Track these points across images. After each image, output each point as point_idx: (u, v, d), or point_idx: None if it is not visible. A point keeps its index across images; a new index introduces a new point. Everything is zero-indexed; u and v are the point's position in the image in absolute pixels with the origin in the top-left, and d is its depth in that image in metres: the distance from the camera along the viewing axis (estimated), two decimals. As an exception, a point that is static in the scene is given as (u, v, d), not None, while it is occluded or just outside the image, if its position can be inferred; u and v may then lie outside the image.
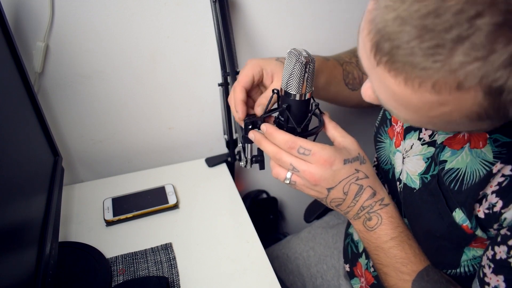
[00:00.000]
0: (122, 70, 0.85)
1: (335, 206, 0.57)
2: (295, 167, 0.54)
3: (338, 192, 0.54)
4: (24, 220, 0.55)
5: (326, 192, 0.55)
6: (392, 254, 0.55)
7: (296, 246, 0.93)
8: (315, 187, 0.54)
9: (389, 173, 0.68)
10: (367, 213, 0.56)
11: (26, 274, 0.51)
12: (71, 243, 0.74)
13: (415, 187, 0.57)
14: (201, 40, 0.87)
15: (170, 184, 0.88)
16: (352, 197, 0.55)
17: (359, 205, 0.56)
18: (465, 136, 0.51)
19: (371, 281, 0.72)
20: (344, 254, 0.82)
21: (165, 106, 0.93)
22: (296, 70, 0.51)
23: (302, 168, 0.53)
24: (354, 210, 0.56)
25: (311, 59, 0.51)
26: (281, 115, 0.57)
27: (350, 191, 0.55)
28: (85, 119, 0.89)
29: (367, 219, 0.56)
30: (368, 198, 0.55)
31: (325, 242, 0.91)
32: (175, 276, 0.68)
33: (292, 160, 0.54)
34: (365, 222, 0.57)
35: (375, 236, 0.56)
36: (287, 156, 0.54)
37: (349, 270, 0.79)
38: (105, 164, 0.97)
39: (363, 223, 0.57)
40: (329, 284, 0.84)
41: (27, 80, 0.67)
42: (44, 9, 0.73)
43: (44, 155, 0.71)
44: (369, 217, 0.56)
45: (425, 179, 0.56)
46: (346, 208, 0.57)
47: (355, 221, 0.58)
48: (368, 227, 0.56)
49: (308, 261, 0.89)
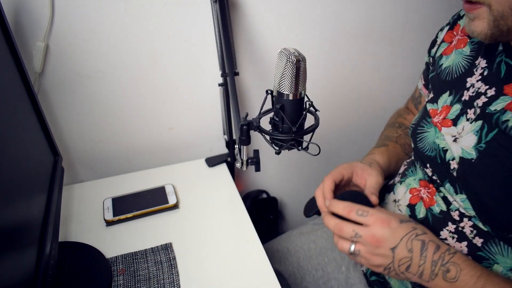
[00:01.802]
0: (122, 70, 0.85)
1: (405, 270, 0.57)
2: (357, 233, 0.58)
3: (402, 251, 0.56)
4: (24, 220, 0.55)
5: (391, 253, 0.57)
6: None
7: (297, 240, 0.93)
8: (379, 249, 0.57)
9: (436, 158, 0.69)
10: (442, 266, 0.56)
11: (26, 274, 0.51)
12: (71, 243, 0.74)
13: (472, 157, 0.60)
14: (201, 40, 0.87)
15: (170, 184, 0.88)
16: (419, 254, 0.56)
17: (429, 260, 0.56)
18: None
19: None
20: None
21: (165, 106, 0.93)
22: (288, 70, 0.51)
23: (363, 232, 0.57)
24: (427, 268, 0.56)
25: (302, 58, 0.51)
26: (276, 115, 0.57)
27: (414, 247, 0.56)
28: (85, 119, 0.89)
29: (446, 271, 0.55)
30: (435, 252, 0.56)
31: (327, 236, 0.92)
32: (175, 276, 0.68)
33: (354, 227, 0.59)
34: (445, 276, 0.56)
35: (462, 284, 0.55)
36: (348, 225, 0.59)
37: None
38: (105, 164, 0.97)
39: (443, 278, 0.56)
40: (329, 276, 0.85)
41: (27, 80, 0.67)
42: (44, 9, 0.73)
43: (44, 155, 0.71)
44: (446, 268, 0.55)
45: (480, 148, 0.59)
46: (418, 269, 0.57)
47: (433, 281, 0.57)
48: (451, 279, 0.55)
49: (309, 254, 0.89)
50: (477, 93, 0.61)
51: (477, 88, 0.62)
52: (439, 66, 0.71)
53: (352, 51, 1.03)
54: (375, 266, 0.59)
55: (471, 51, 0.66)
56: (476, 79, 0.63)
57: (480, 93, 0.61)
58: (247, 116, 0.60)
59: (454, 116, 0.65)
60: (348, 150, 1.24)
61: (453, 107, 0.66)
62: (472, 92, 0.63)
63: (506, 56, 0.58)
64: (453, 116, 0.66)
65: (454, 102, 0.66)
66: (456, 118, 0.65)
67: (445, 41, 0.73)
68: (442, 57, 0.72)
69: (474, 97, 0.62)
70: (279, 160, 1.17)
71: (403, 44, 1.08)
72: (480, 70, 0.62)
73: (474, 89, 0.62)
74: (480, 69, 0.62)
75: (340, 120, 1.16)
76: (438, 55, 0.73)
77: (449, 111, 0.66)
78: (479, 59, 0.63)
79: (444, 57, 0.71)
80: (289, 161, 1.19)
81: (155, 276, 0.68)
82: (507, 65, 0.58)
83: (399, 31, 1.05)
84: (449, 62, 0.69)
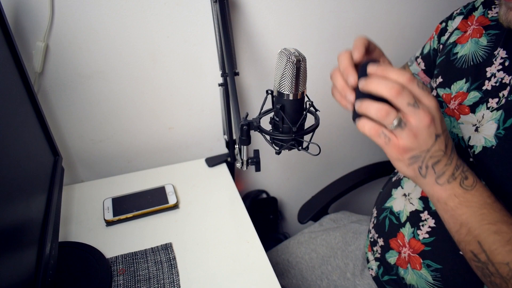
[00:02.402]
0: (122, 70, 0.85)
1: (431, 165, 0.52)
2: (416, 102, 0.48)
3: (442, 143, 0.51)
4: (24, 220, 0.55)
5: (434, 140, 0.50)
6: (498, 207, 0.52)
7: (297, 250, 0.92)
8: (426, 131, 0.49)
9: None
10: (463, 172, 0.53)
11: (26, 274, 0.51)
12: (71, 243, 0.74)
13: (493, 145, 0.61)
14: (201, 40, 0.87)
15: (170, 184, 0.88)
16: (450, 152, 0.52)
17: (454, 162, 0.53)
18: None
19: (420, 248, 0.71)
20: (379, 228, 0.81)
21: (165, 106, 0.93)
22: (288, 70, 0.51)
23: (422, 105, 0.48)
24: (450, 170, 0.53)
25: (302, 58, 0.51)
26: (276, 115, 0.57)
27: (449, 144, 0.52)
28: (85, 119, 0.89)
29: (464, 178, 0.53)
30: (458, 158, 0.53)
31: (327, 243, 0.91)
32: (175, 276, 0.68)
33: (418, 92, 0.49)
34: (462, 182, 0.53)
35: (478, 193, 0.53)
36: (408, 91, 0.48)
37: (383, 244, 0.79)
38: (105, 164, 0.97)
39: (460, 183, 0.53)
40: (335, 284, 0.84)
41: (27, 80, 0.67)
42: (44, 9, 0.73)
43: (44, 155, 0.71)
44: (465, 176, 0.53)
45: (499, 135, 0.60)
46: (442, 168, 0.52)
47: (449, 185, 0.53)
48: (467, 186, 0.53)
49: (311, 264, 0.88)
50: (501, 84, 0.62)
51: (500, 78, 0.63)
52: (454, 54, 0.72)
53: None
54: (404, 150, 0.50)
55: (488, 42, 0.67)
56: (496, 68, 0.64)
57: (505, 83, 0.62)
58: (247, 116, 0.60)
59: (471, 102, 0.66)
60: (348, 150, 1.24)
61: (470, 94, 0.67)
62: (495, 82, 0.64)
63: None
64: (470, 103, 0.66)
65: (471, 89, 0.67)
66: (474, 105, 0.66)
67: (459, 29, 0.73)
68: (456, 45, 0.72)
69: (498, 87, 0.62)
70: (279, 160, 1.17)
71: (403, 44, 1.08)
72: (501, 60, 0.63)
73: (496, 79, 0.63)
74: (500, 59, 0.64)
75: (340, 120, 1.16)
76: (451, 42, 0.73)
77: (465, 97, 0.67)
78: (498, 49, 0.64)
79: (459, 45, 0.72)
80: (289, 161, 1.19)
81: (155, 276, 0.68)
82: None
83: (399, 31, 1.05)
84: (465, 50, 0.70)
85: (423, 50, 0.82)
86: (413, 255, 0.71)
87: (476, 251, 0.53)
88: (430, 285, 0.69)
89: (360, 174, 1.08)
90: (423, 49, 0.82)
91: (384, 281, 0.77)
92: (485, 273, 0.52)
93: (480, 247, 0.52)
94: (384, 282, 0.77)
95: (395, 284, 0.75)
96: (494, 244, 0.51)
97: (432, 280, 0.69)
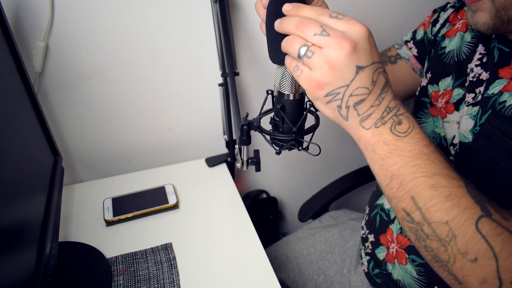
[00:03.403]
0: (122, 70, 0.85)
1: (353, 104, 0.45)
2: (324, 30, 0.42)
3: (367, 78, 0.43)
4: (24, 220, 0.55)
5: (354, 73, 0.42)
6: (436, 159, 0.45)
7: (295, 245, 0.93)
8: (344, 60, 0.42)
9: None
10: (395, 116, 0.45)
11: (26, 274, 0.51)
12: (71, 243, 0.74)
13: (469, 141, 0.61)
14: (201, 40, 0.87)
15: (170, 184, 0.88)
16: (379, 91, 0.44)
17: (384, 105, 0.45)
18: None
19: (406, 243, 0.72)
20: (370, 224, 0.82)
21: (165, 106, 0.93)
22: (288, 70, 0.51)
23: (334, 33, 0.42)
24: (377, 112, 0.45)
25: None
26: (276, 115, 0.57)
27: (378, 81, 0.44)
28: (85, 119, 0.89)
29: (396, 123, 0.45)
30: (392, 98, 0.46)
31: (325, 240, 0.92)
32: (175, 276, 0.68)
33: (322, 24, 0.43)
34: (393, 127, 0.45)
35: (412, 141, 0.45)
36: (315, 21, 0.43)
37: (374, 240, 0.79)
38: (105, 164, 0.97)
39: (391, 128, 0.45)
40: (332, 280, 0.84)
41: (27, 80, 0.67)
42: (44, 9, 0.73)
43: (44, 155, 0.71)
44: (399, 120, 0.45)
45: (475, 131, 0.60)
46: (367, 109, 0.45)
47: (377, 129, 0.46)
48: (400, 132, 0.45)
49: (309, 259, 0.89)
50: (478, 80, 0.63)
51: (477, 73, 0.64)
52: (442, 48, 0.72)
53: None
54: (318, 85, 0.44)
55: (472, 38, 0.68)
56: (474, 64, 0.65)
57: (482, 80, 0.62)
58: (247, 116, 0.60)
59: (455, 100, 0.67)
60: (348, 150, 1.24)
61: (454, 91, 0.67)
62: (472, 77, 0.64)
63: (498, 42, 0.61)
64: (454, 100, 0.67)
65: (455, 86, 0.67)
66: (457, 103, 0.66)
67: (449, 22, 0.74)
68: (445, 39, 0.73)
69: (475, 82, 0.63)
70: (279, 160, 1.17)
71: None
72: (479, 56, 0.64)
73: (474, 74, 0.64)
74: (478, 54, 0.65)
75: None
76: (441, 35, 0.74)
77: (451, 95, 0.68)
78: (479, 46, 0.65)
79: (447, 40, 0.72)
80: (289, 161, 1.19)
81: (155, 276, 0.68)
82: (500, 50, 0.61)
83: (399, 31, 1.05)
84: (452, 46, 0.71)
85: (415, 35, 0.81)
86: (400, 250, 0.72)
87: (409, 209, 0.45)
88: (415, 280, 0.70)
89: (360, 174, 1.08)
90: (415, 34, 0.81)
91: (374, 275, 0.78)
92: (419, 235, 0.45)
93: (414, 204, 0.44)
94: (374, 276, 0.78)
95: (384, 279, 0.76)
96: (431, 200, 0.43)
97: (416, 275, 0.69)
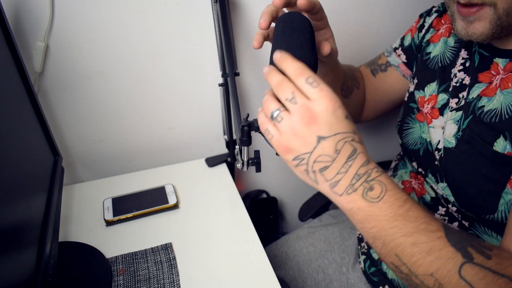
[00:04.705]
0: (122, 70, 0.85)
1: (318, 170, 0.46)
2: (295, 97, 0.45)
3: (329, 147, 0.45)
4: (24, 220, 0.55)
5: (315, 142, 0.45)
6: (413, 216, 0.46)
7: (295, 244, 0.93)
8: (305, 129, 0.45)
9: (419, 151, 0.72)
10: (366, 182, 0.46)
11: (26, 274, 0.51)
12: (71, 243, 0.74)
13: (452, 146, 0.63)
14: (201, 40, 0.87)
15: (170, 184, 0.88)
16: (344, 160, 0.45)
17: (352, 172, 0.46)
18: (496, 84, 0.59)
19: None
20: None
21: (165, 106, 0.93)
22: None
23: (302, 101, 0.44)
24: (346, 179, 0.46)
25: None
26: None
27: (343, 150, 0.45)
28: (85, 119, 0.89)
29: (368, 189, 0.46)
30: (363, 165, 0.46)
31: (325, 238, 0.92)
32: (175, 276, 0.68)
33: (295, 89, 0.45)
34: (365, 194, 0.46)
35: (386, 205, 0.46)
36: (290, 86, 0.46)
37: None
38: (105, 164, 0.97)
39: (363, 195, 0.46)
40: (331, 278, 0.85)
41: (27, 80, 0.67)
42: (44, 9, 0.73)
43: (44, 155, 0.71)
44: (370, 186, 0.46)
45: (458, 136, 0.62)
46: (334, 176, 0.46)
47: (349, 196, 0.46)
48: (372, 198, 0.46)
49: (308, 257, 0.89)
50: (462, 85, 0.64)
51: (460, 78, 0.65)
52: (427, 54, 0.73)
53: (352, 51, 1.03)
54: (286, 149, 0.47)
55: (455, 43, 0.68)
56: (458, 69, 0.65)
57: (465, 84, 0.63)
58: (247, 116, 0.59)
59: (440, 105, 0.68)
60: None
61: (439, 96, 0.69)
62: (455, 82, 0.65)
63: (479, 47, 0.62)
64: (439, 105, 0.68)
65: (440, 91, 0.68)
66: (442, 108, 0.68)
67: (433, 27, 0.74)
68: (429, 44, 0.73)
69: (459, 87, 0.64)
70: (279, 160, 1.17)
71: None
72: (462, 61, 0.65)
73: (457, 79, 0.65)
74: (461, 59, 0.65)
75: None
76: (426, 40, 0.74)
77: (436, 100, 0.69)
78: (462, 51, 0.66)
79: (431, 45, 0.73)
80: (289, 161, 1.19)
81: (155, 276, 0.68)
82: (480, 55, 0.62)
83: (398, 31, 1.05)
84: (437, 51, 0.71)
85: (403, 41, 0.82)
86: None
87: (396, 263, 0.48)
88: None
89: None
90: (403, 41, 0.82)
91: (371, 274, 0.79)
92: (411, 283, 0.48)
93: (399, 260, 0.47)
94: (371, 275, 0.79)
95: (380, 277, 0.77)
96: (413, 256, 0.46)
97: None
